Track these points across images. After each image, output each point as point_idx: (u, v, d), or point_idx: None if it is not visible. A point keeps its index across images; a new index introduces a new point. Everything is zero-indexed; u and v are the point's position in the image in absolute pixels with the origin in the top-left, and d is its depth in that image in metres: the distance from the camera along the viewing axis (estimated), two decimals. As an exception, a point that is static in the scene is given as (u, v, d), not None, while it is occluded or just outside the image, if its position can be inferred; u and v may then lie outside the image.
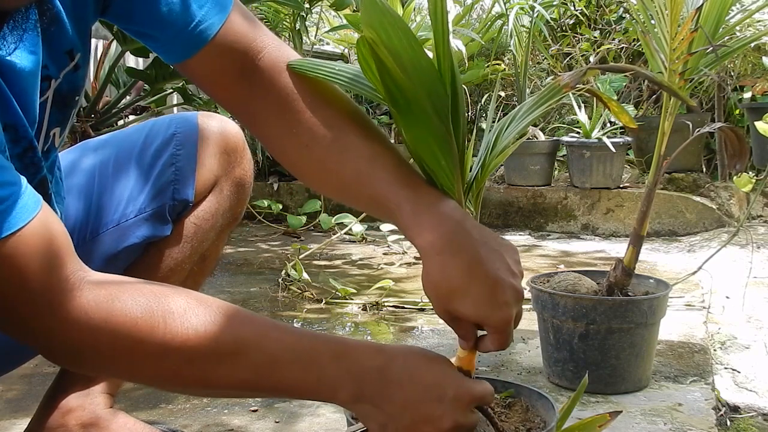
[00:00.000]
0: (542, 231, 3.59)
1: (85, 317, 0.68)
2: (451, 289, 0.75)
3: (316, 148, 0.84)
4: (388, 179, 0.79)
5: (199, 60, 0.85)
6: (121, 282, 0.73)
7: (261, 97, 0.87)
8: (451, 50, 0.74)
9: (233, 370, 0.72)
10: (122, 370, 0.75)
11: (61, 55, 0.81)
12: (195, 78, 0.89)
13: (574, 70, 0.75)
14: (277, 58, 0.86)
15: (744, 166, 1.27)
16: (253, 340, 0.72)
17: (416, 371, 0.74)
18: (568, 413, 0.93)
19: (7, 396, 1.52)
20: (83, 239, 1.06)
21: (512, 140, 0.83)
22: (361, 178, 0.81)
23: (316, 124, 0.83)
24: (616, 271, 1.47)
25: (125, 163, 1.10)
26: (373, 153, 0.81)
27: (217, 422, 1.38)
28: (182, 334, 0.70)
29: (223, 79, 0.87)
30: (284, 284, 2.49)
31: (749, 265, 2.23)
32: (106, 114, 2.63)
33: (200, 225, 1.12)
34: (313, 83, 0.85)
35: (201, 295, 0.74)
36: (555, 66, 4.17)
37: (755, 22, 3.22)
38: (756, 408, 1.50)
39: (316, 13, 4.32)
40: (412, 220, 0.78)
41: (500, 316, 0.75)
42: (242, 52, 0.86)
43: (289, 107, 0.85)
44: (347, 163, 0.82)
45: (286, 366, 0.72)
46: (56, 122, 0.85)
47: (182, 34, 0.84)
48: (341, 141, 0.82)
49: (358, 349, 0.76)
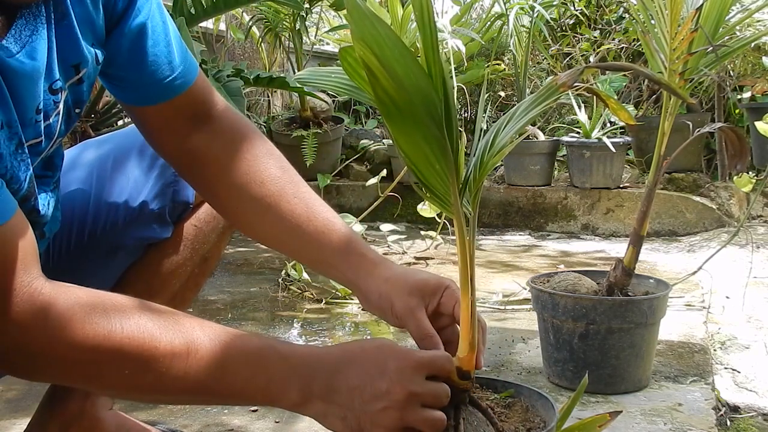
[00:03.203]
0: (542, 231, 3.59)
1: (41, 324, 0.68)
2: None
3: (240, 210, 0.96)
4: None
5: (160, 108, 0.93)
6: (78, 292, 0.73)
7: (208, 141, 0.96)
8: (440, 55, 0.74)
9: (186, 373, 0.72)
10: (77, 379, 0.75)
11: (68, 68, 0.82)
12: (145, 122, 0.97)
13: (572, 69, 0.75)
14: (224, 124, 0.97)
15: (744, 166, 1.26)
16: (205, 343, 0.73)
17: (354, 356, 0.76)
18: (568, 413, 0.93)
19: (7, 396, 1.52)
20: (81, 239, 1.05)
21: (510, 140, 0.83)
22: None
23: (243, 198, 0.95)
24: (616, 271, 1.47)
25: (125, 164, 1.08)
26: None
27: (217, 422, 1.38)
28: (137, 338, 0.70)
29: (174, 128, 0.96)
30: (284, 284, 2.49)
31: (749, 265, 2.23)
32: (106, 114, 2.63)
33: (201, 227, 1.12)
34: (250, 152, 0.95)
35: (151, 303, 0.76)
36: (555, 66, 4.17)
37: (755, 22, 3.22)
38: (756, 408, 1.50)
39: (316, 13, 4.32)
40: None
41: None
42: (200, 107, 0.96)
43: (227, 169, 0.95)
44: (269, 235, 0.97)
45: (236, 368, 0.74)
46: (62, 134, 0.86)
47: (159, 84, 0.91)
48: (257, 220, 0.95)
49: (304, 348, 0.78)
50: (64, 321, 0.69)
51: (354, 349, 0.77)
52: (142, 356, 0.71)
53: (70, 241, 1.05)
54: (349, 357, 0.76)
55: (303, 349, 0.78)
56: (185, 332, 0.73)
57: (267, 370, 0.74)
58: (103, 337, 0.69)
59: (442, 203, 0.84)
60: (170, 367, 0.71)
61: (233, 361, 0.73)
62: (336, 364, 0.75)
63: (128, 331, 0.70)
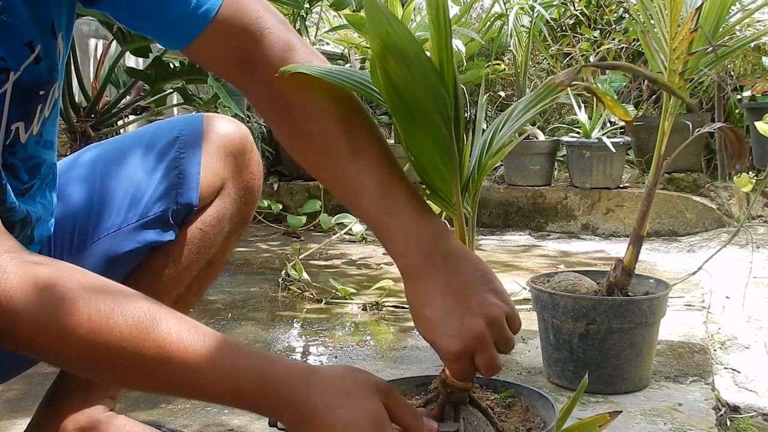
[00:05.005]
0: (542, 231, 3.59)
1: (14, 299, 0.66)
2: (414, 310, 0.79)
3: (309, 158, 0.87)
4: (369, 201, 0.82)
5: (199, 46, 0.86)
6: (48, 264, 0.70)
7: (262, 92, 0.88)
8: (453, 54, 0.74)
9: (154, 376, 0.70)
10: (52, 358, 0.72)
11: (20, 47, 0.79)
12: (202, 64, 0.92)
13: (569, 68, 0.75)
14: (278, 50, 0.86)
15: (744, 166, 1.26)
16: (184, 357, 0.69)
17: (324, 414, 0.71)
18: (568, 413, 0.93)
19: (7, 396, 1.52)
20: (83, 242, 1.05)
21: (508, 140, 0.83)
22: (349, 197, 0.84)
23: (309, 134, 0.85)
24: (616, 271, 1.47)
25: (128, 166, 1.07)
26: (358, 171, 0.83)
27: (217, 422, 1.38)
28: (112, 322, 0.67)
29: (229, 66, 0.88)
30: (284, 284, 2.49)
31: (749, 265, 2.23)
32: (106, 114, 2.63)
33: (206, 231, 1.09)
34: (310, 83, 0.84)
35: (127, 294, 0.72)
36: (555, 66, 4.17)
37: (755, 21, 3.22)
38: (756, 408, 1.50)
39: (316, 13, 4.32)
40: (390, 245, 0.81)
41: (444, 347, 0.77)
42: (241, 38, 0.86)
43: (285, 113, 0.86)
44: (336, 178, 0.85)
45: (208, 384, 0.70)
46: (17, 116, 0.83)
47: (180, 20, 0.84)
48: (330, 157, 0.84)
49: (279, 375, 0.72)
50: (29, 312, 0.66)
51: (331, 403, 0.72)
52: (109, 356, 0.68)
53: (72, 243, 1.04)
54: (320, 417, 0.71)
55: (279, 375, 0.73)
56: (157, 332, 0.69)
57: (239, 395, 0.71)
58: (67, 333, 0.67)
59: (444, 203, 0.84)
60: (139, 369, 0.69)
61: (207, 375, 0.70)
62: (312, 412, 0.71)
63: (95, 326, 0.67)
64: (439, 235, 0.80)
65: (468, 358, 0.77)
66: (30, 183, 0.90)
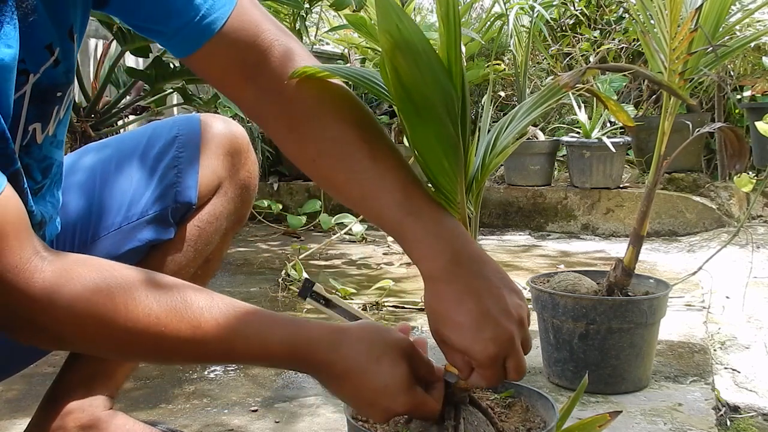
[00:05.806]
0: (542, 231, 3.59)
1: (48, 295, 0.69)
2: (441, 314, 0.78)
3: (323, 165, 0.85)
4: (391, 205, 0.80)
5: (202, 55, 0.85)
6: (78, 260, 0.74)
7: (269, 102, 0.86)
8: (461, 52, 0.74)
9: (191, 351, 0.75)
10: (92, 348, 0.80)
11: (40, 50, 0.80)
12: (202, 74, 0.89)
13: (574, 70, 0.75)
14: (284, 61, 0.85)
15: (744, 166, 1.27)
16: (210, 322, 0.74)
17: (359, 377, 0.77)
18: (568, 413, 0.93)
19: (7, 396, 1.52)
20: (84, 241, 1.06)
21: (512, 140, 0.83)
22: (366, 201, 0.83)
23: (323, 140, 0.84)
24: (616, 271, 1.47)
25: (127, 165, 1.08)
26: (378, 175, 0.82)
27: (217, 422, 1.38)
28: (143, 321, 0.72)
29: (230, 79, 0.87)
30: (284, 284, 2.49)
31: (749, 265, 2.23)
32: (106, 114, 2.63)
33: (204, 228, 1.11)
34: (320, 91, 0.84)
35: (157, 278, 0.76)
36: (555, 66, 4.17)
37: (755, 21, 3.22)
38: (756, 408, 1.50)
39: (316, 13, 4.32)
40: (414, 247, 0.80)
41: (480, 351, 0.76)
42: (247, 50, 0.85)
43: (296, 121, 0.85)
44: (353, 183, 0.83)
45: (240, 355, 0.76)
46: (35, 118, 0.84)
47: (186, 28, 0.84)
48: (347, 161, 0.83)
49: (308, 341, 0.77)
50: (68, 307, 0.69)
51: (363, 366, 0.78)
52: (149, 341, 0.72)
53: (73, 244, 1.05)
54: (355, 378, 0.78)
55: (311, 341, 0.78)
56: (190, 313, 0.73)
57: (270, 360, 0.78)
58: (106, 323, 0.71)
59: (447, 201, 0.84)
60: (177, 350, 0.74)
61: (239, 335, 0.75)
62: (343, 372, 0.77)
63: (133, 315, 0.71)
64: (462, 236, 0.80)
65: (501, 362, 0.77)
66: (42, 183, 0.91)
